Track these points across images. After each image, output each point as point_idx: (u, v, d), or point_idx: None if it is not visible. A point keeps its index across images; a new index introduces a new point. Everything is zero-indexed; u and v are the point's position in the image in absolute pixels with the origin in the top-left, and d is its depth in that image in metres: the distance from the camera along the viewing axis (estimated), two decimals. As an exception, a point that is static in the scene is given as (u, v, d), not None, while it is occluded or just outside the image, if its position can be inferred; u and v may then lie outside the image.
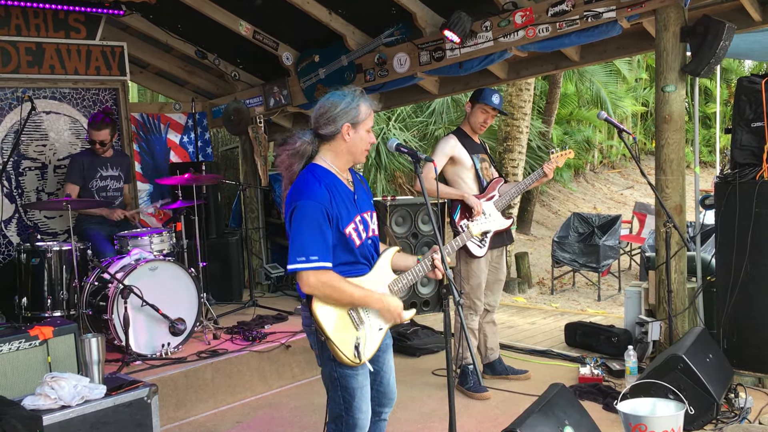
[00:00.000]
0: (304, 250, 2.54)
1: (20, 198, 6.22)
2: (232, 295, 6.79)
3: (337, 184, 2.69)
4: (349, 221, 2.67)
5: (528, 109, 10.58)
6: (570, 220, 10.36)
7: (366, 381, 2.77)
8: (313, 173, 2.66)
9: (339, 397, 2.74)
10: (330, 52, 6.35)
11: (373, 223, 2.83)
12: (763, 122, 4.31)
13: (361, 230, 2.73)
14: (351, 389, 2.71)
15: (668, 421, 3.33)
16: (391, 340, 2.97)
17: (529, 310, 7.33)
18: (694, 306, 4.75)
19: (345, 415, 2.75)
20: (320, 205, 2.57)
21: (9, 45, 6.08)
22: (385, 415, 3.00)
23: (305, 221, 2.56)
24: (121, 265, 4.77)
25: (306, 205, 2.57)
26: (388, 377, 2.94)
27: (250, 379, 4.76)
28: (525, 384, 4.67)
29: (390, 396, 2.97)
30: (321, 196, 2.59)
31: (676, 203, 4.60)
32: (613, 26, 4.76)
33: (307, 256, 2.53)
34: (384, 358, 2.91)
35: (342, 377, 2.71)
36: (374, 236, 2.84)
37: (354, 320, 2.69)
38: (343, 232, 2.65)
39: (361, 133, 2.71)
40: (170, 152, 7.52)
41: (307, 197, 2.58)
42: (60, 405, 3.06)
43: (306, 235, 2.55)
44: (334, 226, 2.62)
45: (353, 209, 2.72)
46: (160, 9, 6.23)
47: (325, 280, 2.57)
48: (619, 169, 18.26)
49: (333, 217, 2.61)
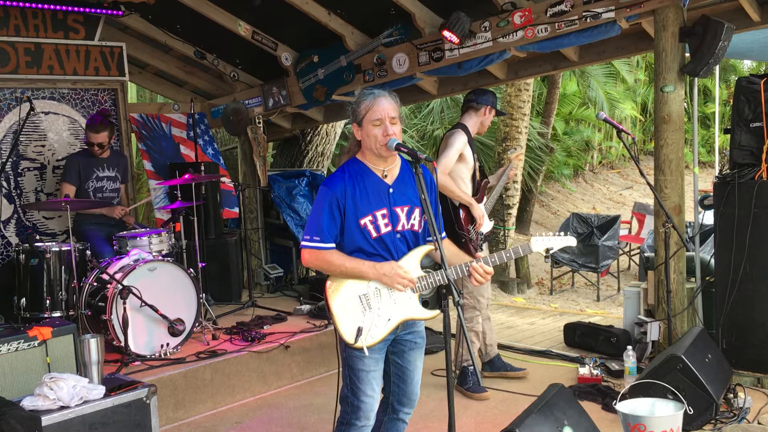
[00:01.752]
0: (309, 230, 2.79)
1: (19, 198, 6.21)
2: (231, 296, 6.78)
3: (365, 176, 2.81)
4: (367, 213, 2.78)
5: (527, 110, 10.58)
6: (569, 220, 10.36)
7: (375, 367, 2.82)
8: (347, 165, 2.86)
9: (347, 378, 2.85)
10: (329, 52, 6.35)
11: (411, 219, 2.86)
12: (762, 122, 4.31)
13: (381, 223, 2.80)
14: (357, 370, 2.80)
15: (667, 422, 3.33)
16: (423, 341, 3.01)
17: (528, 311, 7.33)
18: (693, 306, 4.76)
19: (351, 395, 2.84)
20: (331, 192, 2.76)
21: (7, 45, 6.07)
22: (404, 415, 3.03)
23: (316, 204, 2.80)
24: (120, 265, 4.77)
25: (321, 190, 2.81)
26: (413, 376, 2.98)
27: (249, 379, 4.76)
28: (524, 384, 4.67)
29: (411, 396, 3.00)
30: (336, 184, 2.78)
31: (675, 203, 4.60)
32: (612, 27, 4.76)
33: (310, 236, 2.78)
34: (412, 356, 2.96)
35: (349, 357, 2.81)
36: (407, 231, 2.86)
37: (363, 305, 2.78)
38: (358, 222, 2.77)
39: (367, 128, 2.78)
40: (179, 147, 7.47)
41: (325, 183, 2.82)
42: (59, 405, 3.06)
43: (314, 217, 2.79)
44: (348, 214, 2.77)
45: (381, 202, 2.80)
46: (159, 9, 6.22)
47: (317, 255, 2.77)
48: (619, 170, 18.27)
49: (344, 206, 2.76)
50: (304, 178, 7.77)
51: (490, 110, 4.66)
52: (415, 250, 2.88)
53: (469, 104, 4.68)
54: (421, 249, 2.89)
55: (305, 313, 5.94)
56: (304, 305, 6.11)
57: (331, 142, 8.86)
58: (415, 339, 2.95)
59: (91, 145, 5.60)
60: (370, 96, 2.79)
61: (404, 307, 2.84)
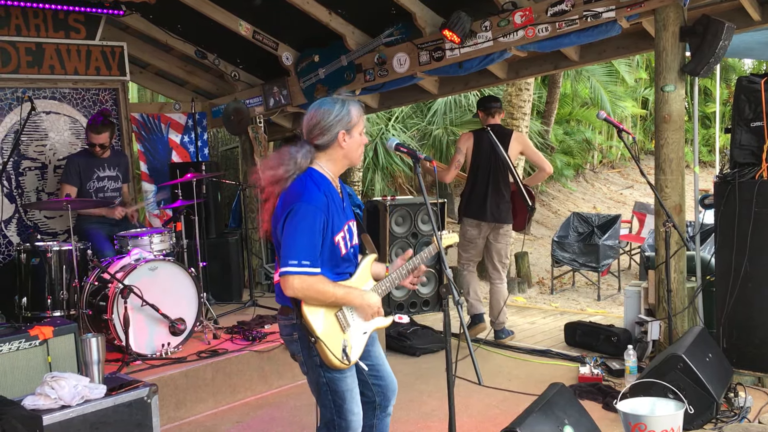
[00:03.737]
0: (298, 254, 2.53)
1: (20, 198, 6.22)
2: (231, 295, 6.79)
3: (332, 191, 2.70)
4: (339, 229, 2.69)
5: (527, 109, 10.56)
6: (570, 219, 10.34)
7: (354, 383, 2.77)
8: (312, 178, 2.66)
9: (330, 402, 2.73)
10: (330, 52, 6.35)
11: (355, 231, 2.85)
12: (762, 122, 4.31)
13: (347, 239, 2.74)
14: (341, 392, 2.71)
15: (668, 421, 3.33)
16: (376, 333, 2.97)
17: (528, 310, 7.33)
18: (694, 305, 4.76)
19: (337, 418, 2.74)
20: (319, 210, 2.57)
21: (9, 45, 6.08)
22: (391, 407, 3.00)
23: (301, 225, 2.54)
24: (121, 265, 4.77)
25: (305, 208, 2.55)
26: (384, 368, 2.95)
27: (250, 378, 4.76)
28: (525, 383, 4.68)
29: (392, 387, 2.97)
30: (320, 201, 2.59)
31: (676, 203, 4.61)
32: (612, 26, 4.77)
33: (299, 260, 2.52)
34: (374, 351, 2.93)
35: (331, 381, 2.70)
36: (355, 245, 2.85)
37: (341, 323, 2.71)
38: (333, 240, 2.66)
39: (355, 136, 2.72)
40: (172, 152, 7.51)
41: (307, 201, 2.57)
42: (60, 405, 3.06)
43: (300, 239, 2.54)
44: (328, 233, 2.62)
45: (343, 217, 2.73)
46: (160, 9, 6.23)
47: (309, 283, 2.55)
48: (619, 169, 18.24)
49: (328, 225, 2.61)
50: (304, 177, 7.77)
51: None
52: (364, 262, 2.86)
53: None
54: (368, 258, 2.89)
55: (306, 312, 5.93)
56: (305, 305, 6.11)
57: (331, 142, 8.84)
58: (372, 334, 2.91)
59: (92, 146, 5.60)
60: (355, 104, 2.73)
61: (373, 320, 2.83)
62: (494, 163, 5.52)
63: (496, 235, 5.61)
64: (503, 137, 5.54)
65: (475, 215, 5.61)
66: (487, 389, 4.53)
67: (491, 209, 5.53)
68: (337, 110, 2.68)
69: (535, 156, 5.67)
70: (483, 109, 5.73)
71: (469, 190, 5.67)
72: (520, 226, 5.63)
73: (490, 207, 5.53)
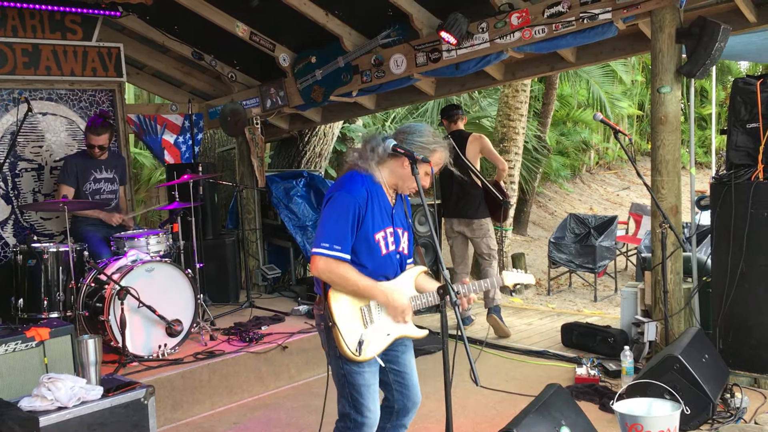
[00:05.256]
0: (329, 238, 2.66)
1: (16, 199, 6.20)
2: (228, 297, 6.79)
3: (379, 193, 2.79)
4: (380, 228, 2.76)
5: (524, 111, 10.57)
6: (566, 221, 10.35)
7: (374, 380, 2.81)
8: (360, 175, 2.78)
9: (347, 395, 2.79)
10: (327, 53, 6.35)
11: (404, 242, 2.91)
12: (758, 123, 4.33)
13: (390, 242, 2.81)
14: (358, 386, 2.76)
15: (664, 421, 3.34)
16: (411, 342, 3.01)
17: (525, 311, 7.34)
18: (690, 306, 4.77)
19: (353, 412, 2.79)
20: (355, 201, 2.69)
21: (5, 46, 6.07)
22: (407, 420, 3.03)
23: (337, 211, 2.68)
24: (118, 266, 4.77)
25: (343, 197, 2.70)
26: (411, 378, 2.98)
27: (246, 380, 4.76)
28: (521, 384, 4.68)
29: (414, 399, 3.01)
30: (359, 194, 2.71)
31: (672, 204, 4.61)
32: (608, 28, 4.78)
33: (330, 244, 2.65)
34: (404, 359, 2.96)
35: (349, 374, 2.76)
36: (403, 254, 2.90)
37: (365, 317, 2.76)
38: (373, 237, 2.74)
39: (421, 170, 2.74)
40: (164, 152, 7.51)
41: (347, 191, 2.71)
42: (57, 406, 3.06)
43: (335, 224, 2.67)
44: (363, 227, 2.71)
45: (387, 221, 2.80)
46: (157, 10, 6.23)
47: (333, 267, 2.66)
48: (616, 170, 18.28)
49: (363, 219, 2.70)
50: (301, 178, 7.78)
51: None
52: (410, 271, 2.91)
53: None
54: (414, 270, 2.93)
55: (303, 313, 5.94)
56: (302, 306, 6.12)
57: (328, 143, 8.86)
58: (405, 342, 2.96)
59: (91, 147, 5.58)
60: (444, 150, 2.80)
61: (401, 325, 2.87)
62: (458, 166, 5.80)
63: (471, 230, 6.09)
64: (461, 141, 5.93)
65: (448, 214, 6.23)
66: (484, 390, 4.54)
67: (460, 207, 6.09)
68: (429, 139, 2.77)
69: (490, 155, 6.09)
70: (446, 117, 6.26)
71: (443, 193, 6.24)
72: (498, 218, 6.17)
73: (458, 205, 6.09)
